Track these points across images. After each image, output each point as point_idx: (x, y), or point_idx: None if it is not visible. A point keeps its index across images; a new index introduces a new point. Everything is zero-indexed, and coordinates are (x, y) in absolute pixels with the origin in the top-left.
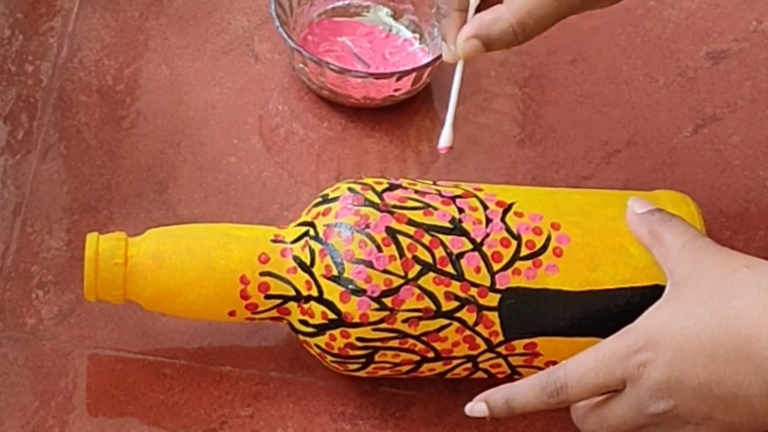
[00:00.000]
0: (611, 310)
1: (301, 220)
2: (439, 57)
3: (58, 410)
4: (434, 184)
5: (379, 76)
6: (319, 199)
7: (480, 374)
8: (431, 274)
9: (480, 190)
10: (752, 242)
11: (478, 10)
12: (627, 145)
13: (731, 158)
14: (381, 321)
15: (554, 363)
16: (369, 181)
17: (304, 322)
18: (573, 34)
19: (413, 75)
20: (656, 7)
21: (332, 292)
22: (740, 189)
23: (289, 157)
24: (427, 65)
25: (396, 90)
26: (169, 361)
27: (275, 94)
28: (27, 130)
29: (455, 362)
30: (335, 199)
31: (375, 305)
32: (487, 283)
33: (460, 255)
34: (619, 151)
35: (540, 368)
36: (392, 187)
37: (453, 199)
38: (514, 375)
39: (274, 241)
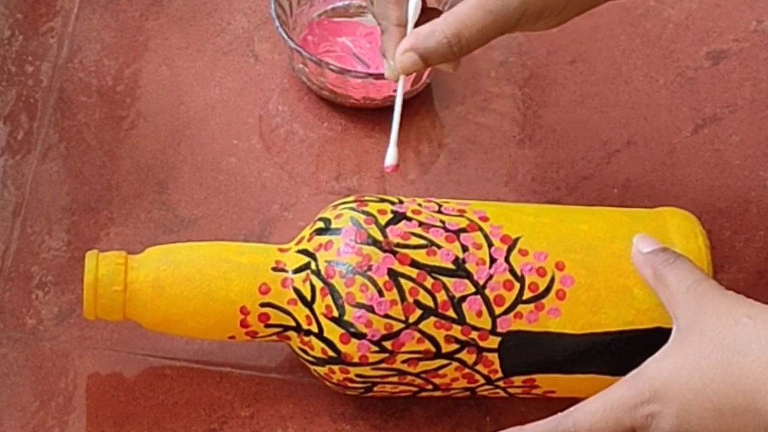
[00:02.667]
0: (612, 351)
1: (302, 246)
2: None
3: (58, 410)
4: (439, 209)
5: (378, 76)
6: (321, 225)
7: (478, 398)
8: (432, 319)
9: (486, 219)
10: (752, 242)
11: (417, 25)
12: (627, 145)
13: (731, 158)
14: (380, 362)
15: (553, 392)
16: (373, 208)
17: (304, 351)
18: (573, 34)
19: (413, 75)
20: (656, 7)
21: (332, 332)
22: (740, 189)
23: (289, 158)
24: None
25: (396, 90)
26: (169, 361)
27: (275, 95)
28: (27, 131)
29: (453, 392)
30: (338, 231)
31: (375, 348)
32: (488, 327)
33: (462, 299)
34: (619, 151)
35: (539, 396)
36: (396, 219)
37: (457, 234)
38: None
39: (275, 269)
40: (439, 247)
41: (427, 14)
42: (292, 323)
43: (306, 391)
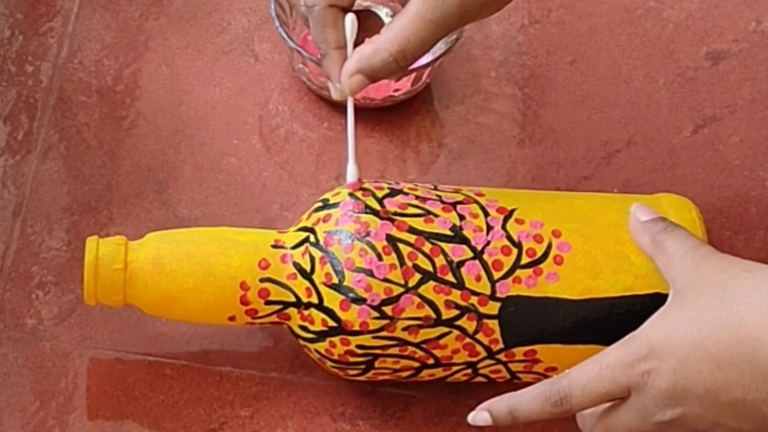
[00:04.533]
0: (611, 318)
1: (301, 225)
2: (439, 57)
3: (59, 410)
4: (435, 188)
5: None
6: (320, 204)
7: (480, 379)
8: (431, 283)
9: (481, 195)
10: (752, 242)
11: (356, 44)
12: (627, 145)
13: (731, 158)
14: (381, 329)
15: (554, 369)
16: (370, 186)
17: (304, 328)
18: (573, 34)
19: (413, 75)
20: (656, 7)
21: (332, 300)
22: (740, 189)
23: (289, 157)
24: (426, 65)
25: (396, 90)
26: (169, 361)
27: (275, 94)
28: (27, 131)
29: (455, 368)
30: (336, 204)
31: (375, 314)
32: (488, 292)
33: (461, 263)
34: (619, 151)
35: (540, 374)
36: (393, 193)
37: (454, 205)
38: (513, 380)
39: (274, 246)
40: (436, 215)
41: (364, 24)
42: (292, 298)
43: (306, 391)
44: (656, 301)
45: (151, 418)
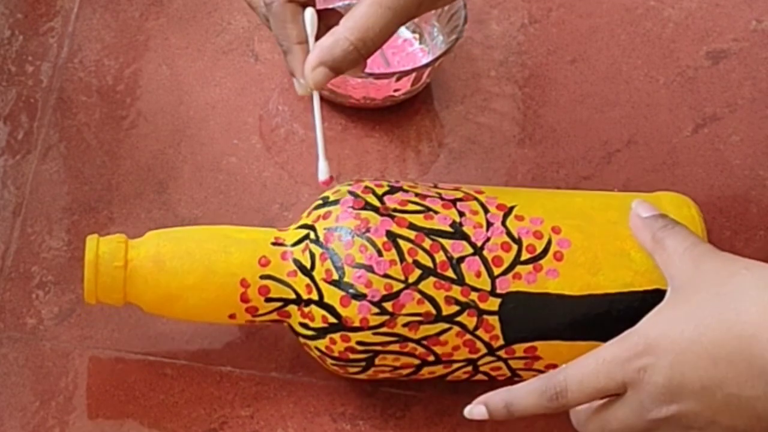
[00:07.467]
0: (612, 314)
1: (301, 222)
2: (439, 57)
3: (59, 410)
4: (435, 186)
5: (378, 76)
6: (320, 202)
7: (480, 377)
8: (432, 279)
9: (481, 192)
10: (752, 242)
11: (317, 37)
12: (627, 144)
13: (731, 158)
14: (381, 325)
15: (555, 366)
16: (369, 184)
17: (304, 325)
18: (573, 34)
19: (413, 75)
20: (656, 6)
21: (332, 296)
22: (740, 189)
23: (289, 157)
24: (426, 65)
25: (396, 90)
26: (169, 361)
27: (275, 94)
28: (27, 131)
29: (455, 365)
30: (335, 202)
31: (375, 309)
32: (488, 288)
33: (461, 259)
34: (619, 151)
35: (540, 371)
36: (393, 190)
37: (453, 202)
38: (514, 377)
39: (274, 243)
40: (436, 212)
41: (325, 20)
42: (292, 295)
43: (306, 390)
44: (656, 297)
45: (151, 417)
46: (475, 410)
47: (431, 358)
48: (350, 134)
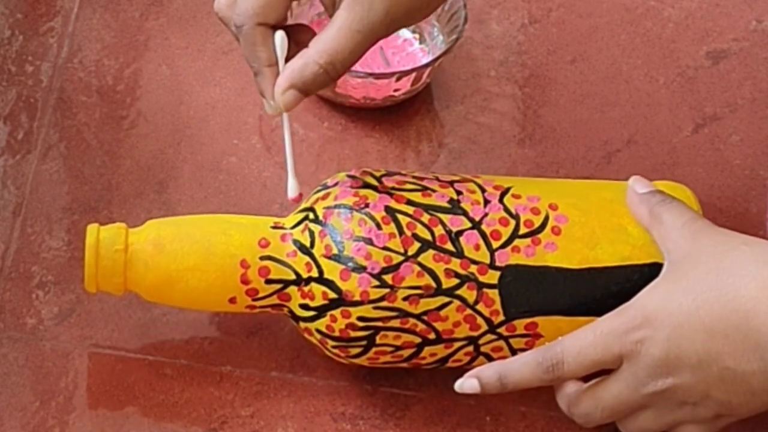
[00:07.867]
0: (611, 288)
1: (300, 207)
2: (439, 57)
3: (59, 410)
4: (432, 173)
5: (378, 76)
6: (319, 188)
7: (481, 359)
8: (431, 251)
9: (477, 177)
10: None
11: (288, 52)
12: (627, 144)
13: (731, 158)
14: (381, 299)
15: None
16: (367, 169)
17: (304, 306)
18: (573, 34)
19: (413, 75)
20: (656, 6)
21: (332, 270)
22: (740, 189)
23: None
24: (426, 65)
25: (396, 90)
26: (169, 361)
27: None
28: (27, 130)
29: (456, 345)
30: (334, 185)
31: (375, 282)
32: (487, 261)
33: (459, 233)
34: (620, 151)
35: None
36: (390, 174)
37: (451, 183)
38: None
39: (274, 227)
40: (433, 191)
41: (295, 36)
42: (292, 276)
43: (306, 390)
44: (654, 270)
45: (151, 417)
46: (467, 384)
47: (432, 335)
48: (350, 134)
